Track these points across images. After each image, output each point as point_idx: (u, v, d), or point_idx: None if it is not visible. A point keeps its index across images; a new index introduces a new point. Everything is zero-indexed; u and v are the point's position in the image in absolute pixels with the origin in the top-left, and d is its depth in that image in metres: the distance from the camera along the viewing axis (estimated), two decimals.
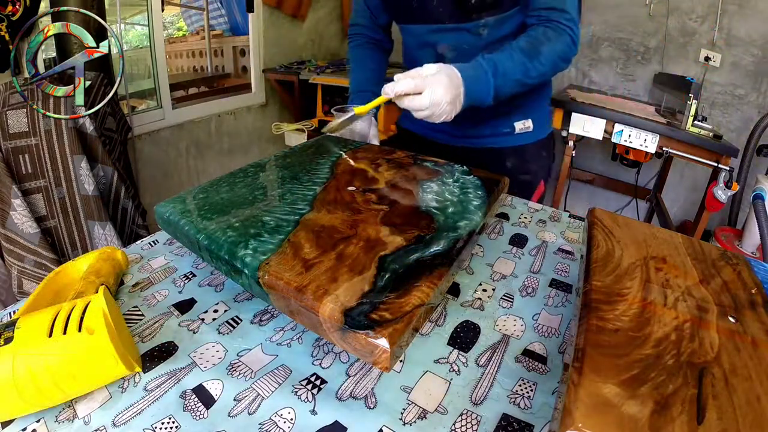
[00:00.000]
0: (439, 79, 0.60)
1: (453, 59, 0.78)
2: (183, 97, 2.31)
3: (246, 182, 0.55)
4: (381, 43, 0.95)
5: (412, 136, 0.97)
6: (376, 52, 0.94)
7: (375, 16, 0.91)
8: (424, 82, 0.60)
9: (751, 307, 0.34)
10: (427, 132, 0.94)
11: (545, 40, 0.70)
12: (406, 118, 1.00)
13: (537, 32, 0.71)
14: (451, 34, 0.77)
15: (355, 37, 0.94)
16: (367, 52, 0.93)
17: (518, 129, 0.87)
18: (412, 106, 0.61)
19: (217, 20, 2.78)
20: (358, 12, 0.93)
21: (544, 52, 0.69)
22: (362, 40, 0.93)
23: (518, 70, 0.68)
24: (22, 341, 0.31)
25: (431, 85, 0.60)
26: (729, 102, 1.96)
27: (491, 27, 0.75)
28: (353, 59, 0.93)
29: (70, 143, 1.22)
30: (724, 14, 1.84)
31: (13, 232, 1.16)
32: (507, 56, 0.68)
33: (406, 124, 0.99)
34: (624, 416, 0.24)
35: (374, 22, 0.92)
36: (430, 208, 0.49)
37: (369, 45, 0.94)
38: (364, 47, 0.93)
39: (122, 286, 0.48)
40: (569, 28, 0.71)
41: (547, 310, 0.46)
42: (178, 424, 0.32)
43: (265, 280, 0.37)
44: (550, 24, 0.71)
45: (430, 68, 0.62)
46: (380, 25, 0.92)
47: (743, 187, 1.70)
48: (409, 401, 0.35)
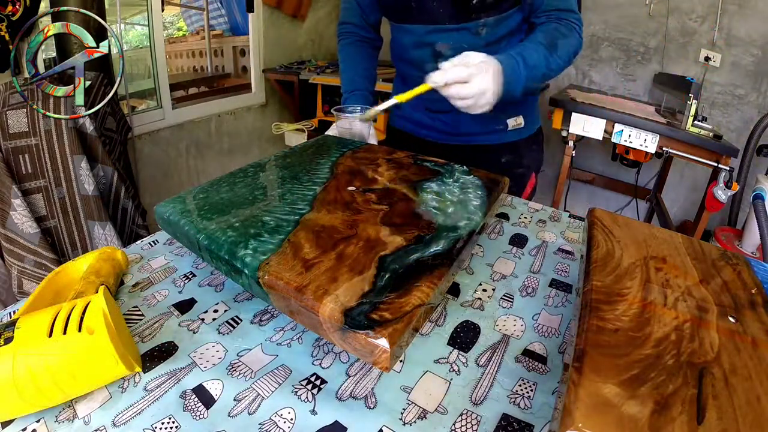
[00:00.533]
0: (487, 67, 0.61)
1: (451, 57, 0.79)
2: (183, 97, 2.31)
3: (246, 182, 0.55)
4: (371, 41, 0.95)
5: (406, 136, 0.97)
6: (367, 49, 0.94)
7: (366, 14, 0.91)
8: (473, 70, 0.60)
9: (751, 307, 0.34)
10: (420, 131, 0.94)
11: (560, 35, 0.72)
12: (398, 117, 0.99)
13: (550, 28, 0.73)
14: (450, 33, 0.77)
15: (345, 36, 0.94)
16: (358, 50, 0.93)
17: (511, 126, 0.88)
18: (459, 94, 0.61)
19: (217, 20, 2.78)
20: (349, 10, 0.92)
21: (562, 46, 0.71)
22: (353, 39, 0.93)
23: (542, 63, 0.69)
24: (22, 341, 0.31)
25: (480, 73, 0.60)
26: (729, 102, 1.96)
27: (490, 27, 0.76)
28: (344, 58, 0.93)
29: (70, 143, 1.22)
30: (724, 14, 1.84)
31: (13, 232, 1.16)
32: (533, 49, 0.69)
33: (400, 124, 0.99)
34: (624, 416, 0.24)
35: (365, 21, 0.92)
36: (430, 208, 0.49)
37: (359, 43, 0.93)
38: (355, 45, 0.93)
39: (122, 286, 0.48)
40: (577, 26, 0.74)
41: (547, 310, 0.46)
42: (178, 424, 0.32)
43: (265, 280, 0.37)
44: (561, 22, 0.73)
45: (477, 56, 0.62)
46: (371, 24, 0.92)
47: (743, 187, 1.70)
48: (409, 401, 0.35)
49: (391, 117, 1.02)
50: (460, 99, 0.62)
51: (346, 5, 0.93)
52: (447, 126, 0.89)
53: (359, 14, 0.91)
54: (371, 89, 0.91)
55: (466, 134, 0.89)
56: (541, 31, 0.73)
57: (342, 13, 0.95)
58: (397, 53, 0.90)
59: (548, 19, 0.75)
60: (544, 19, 0.75)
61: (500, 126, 0.87)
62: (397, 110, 0.98)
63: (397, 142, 0.99)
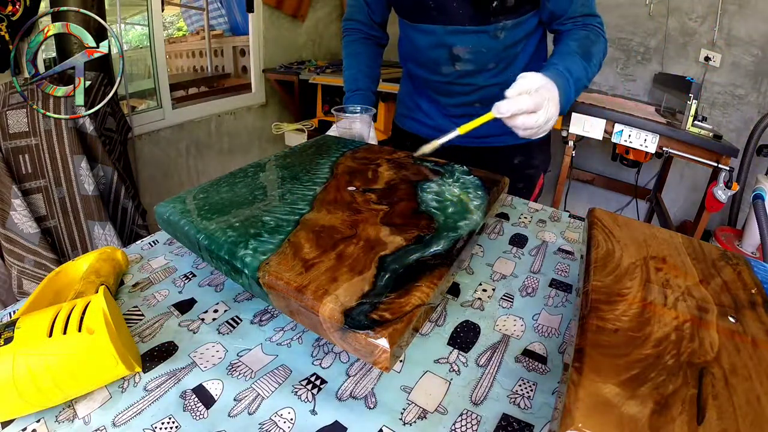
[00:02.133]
0: (551, 94, 0.58)
1: (469, 61, 0.78)
2: (183, 97, 2.31)
3: (246, 182, 0.55)
4: (377, 39, 0.94)
5: (413, 138, 0.96)
6: (372, 47, 0.93)
7: (372, 12, 0.90)
8: (538, 99, 0.57)
9: (751, 307, 0.34)
10: (429, 132, 0.93)
11: (591, 43, 0.71)
12: (405, 118, 0.98)
13: (580, 35, 0.72)
14: (469, 36, 0.76)
15: (350, 32, 0.93)
16: (363, 48, 0.92)
17: None
18: (525, 125, 0.58)
19: (217, 20, 2.78)
20: (355, 7, 0.91)
21: (595, 53, 0.70)
22: (357, 36, 0.92)
23: (583, 75, 0.68)
24: (22, 341, 0.31)
25: (545, 101, 0.57)
26: (729, 102, 1.96)
27: (509, 30, 0.75)
28: (348, 54, 0.92)
29: (70, 143, 1.22)
30: (724, 14, 1.84)
31: (13, 232, 1.16)
32: (573, 61, 0.67)
33: (407, 125, 0.98)
34: (624, 416, 0.24)
35: (371, 19, 0.91)
36: (430, 208, 0.49)
37: (364, 40, 0.92)
38: (360, 42, 0.92)
39: (122, 286, 0.48)
40: (602, 30, 0.73)
41: (547, 310, 0.46)
42: (178, 424, 0.32)
43: (265, 280, 0.37)
44: (587, 28, 0.72)
45: (535, 80, 0.58)
46: (377, 22, 0.91)
47: (743, 187, 1.70)
48: (409, 401, 0.35)
49: (399, 118, 1.00)
50: (525, 129, 0.59)
51: (352, 2, 0.92)
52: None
53: (366, 12, 0.90)
54: (374, 89, 0.90)
55: (481, 136, 0.88)
56: (573, 40, 0.71)
57: (348, 9, 0.93)
58: (409, 54, 0.88)
59: (574, 25, 0.73)
60: (570, 26, 0.74)
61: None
62: (409, 112, 0.97)
63: (405, 142, 0.97)
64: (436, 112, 0.91)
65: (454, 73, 0.81)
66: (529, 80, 0.58)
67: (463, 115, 0.88)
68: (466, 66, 0.79)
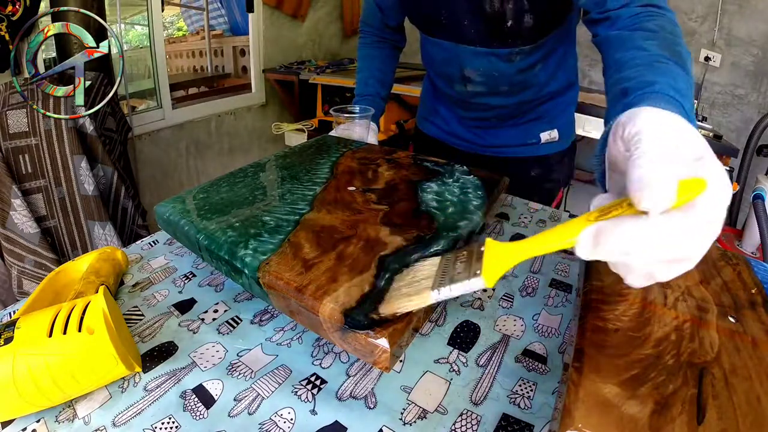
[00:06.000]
0: (711, 166, 0.26)
1: (480, 83, 0.76)
2: (183, 97, 2.31)
3: (246, 182, 0.55)
4: (393, 41, 0.92)
5: (433, 142, 0.95)
6: (386, 50, 0.92)
7: (386, 17, 0.87)
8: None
9: (751, 307, 0.34)
10: (452, 140, 0.92)
11: (673, 38, 0.52)
12: (425, 120, 0.97)
13: (659, 37, 0.52)
14: (480, 58, 0.73)
15: (365, 35, 0.92)
16: (376, 51, 0.91)
17: (544, 140, 0.84)
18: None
19: (217, 20, 2.78)
20: (368, 12, 0.90)
21: (682, 53, 0.49)
22: (372, 39, 0.91)
23: (689, 89, 0.45)
24: (22, 341, 0.31)
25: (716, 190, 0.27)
26: (729, 102, 1.96)
27: (525, 54, 0.71)
28: (361, 56, 0.92)
29: (70, 143, 1.22)
30: (724, 14, 1.84)
31: (13, 232, 1.16)
32: (678, 78, 0.44)
33: (431, 131, 0.96)
34: (624, 416, 0.24)
35: (385, 24, 0.89)
36: (430, 208, 0.49)
37: (378, 44, 0.91)
38: (373, 46, 0.91)
39: (122, 286, 0.48)
40: (668, 11, 0.55)
41: (547, 310, 0.46)
42: (178, 424, 0.32)
43: (265, 280, 0.37)
44: (650, 11, 0.55)
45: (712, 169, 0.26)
46: (391, 27, 0.89)
47: (743, 187, 1.69)
48: (409, 401, 0.35)
49: (420, 120, 0.99)
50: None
51: (366, 5, 0.90)
52: (479, 138, 0.87)
53: (379, 17, 0.88)
54: (383, 94, 0.89)
55: (497, 146, 0.86)
56: (657, 42, 0.50)
57: (363, 13, 0.92)
58: (428, 61, 0.86)
59: (646, 15, 0.55)
60: (642, 11, 0.55)
61: (533, 140, 0.84)
62: (428, 114, 0.95)
63: (425, 147, 0.96)
64: (453, 119, 0.90)
65: (466, 92, 0.80)
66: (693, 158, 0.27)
67: (478, 126, 0.87)
68: (477, 88, 0.77)
